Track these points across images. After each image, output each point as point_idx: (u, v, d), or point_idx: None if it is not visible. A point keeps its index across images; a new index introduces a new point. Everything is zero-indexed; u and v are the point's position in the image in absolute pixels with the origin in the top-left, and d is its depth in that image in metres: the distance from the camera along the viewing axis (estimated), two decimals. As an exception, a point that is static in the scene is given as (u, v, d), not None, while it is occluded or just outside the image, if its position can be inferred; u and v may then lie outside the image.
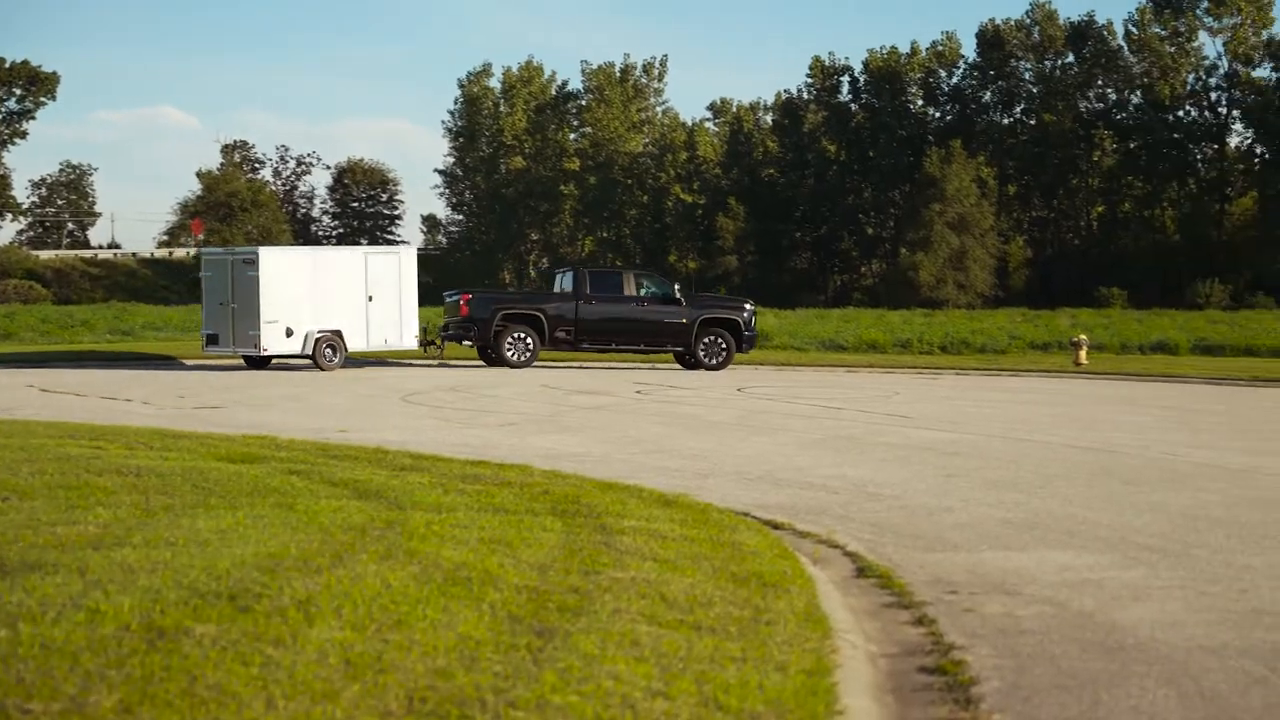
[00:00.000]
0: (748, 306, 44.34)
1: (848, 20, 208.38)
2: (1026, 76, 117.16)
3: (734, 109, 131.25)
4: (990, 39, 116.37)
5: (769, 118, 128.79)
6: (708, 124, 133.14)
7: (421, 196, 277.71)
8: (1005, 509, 14.96)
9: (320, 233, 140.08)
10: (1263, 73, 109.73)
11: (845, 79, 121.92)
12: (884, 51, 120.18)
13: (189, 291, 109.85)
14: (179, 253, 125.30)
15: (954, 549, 12.69)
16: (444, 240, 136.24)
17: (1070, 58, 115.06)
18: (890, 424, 25.32)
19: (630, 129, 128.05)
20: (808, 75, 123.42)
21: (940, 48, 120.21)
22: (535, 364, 41.79)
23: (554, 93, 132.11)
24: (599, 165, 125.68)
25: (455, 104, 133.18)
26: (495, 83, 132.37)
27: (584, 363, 44.86)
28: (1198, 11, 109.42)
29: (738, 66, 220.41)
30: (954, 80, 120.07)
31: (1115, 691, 8.11)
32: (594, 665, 7.70)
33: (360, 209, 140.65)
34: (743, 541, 11.93)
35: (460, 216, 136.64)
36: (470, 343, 43.19)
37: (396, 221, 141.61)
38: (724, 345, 42.70)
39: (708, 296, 47.50)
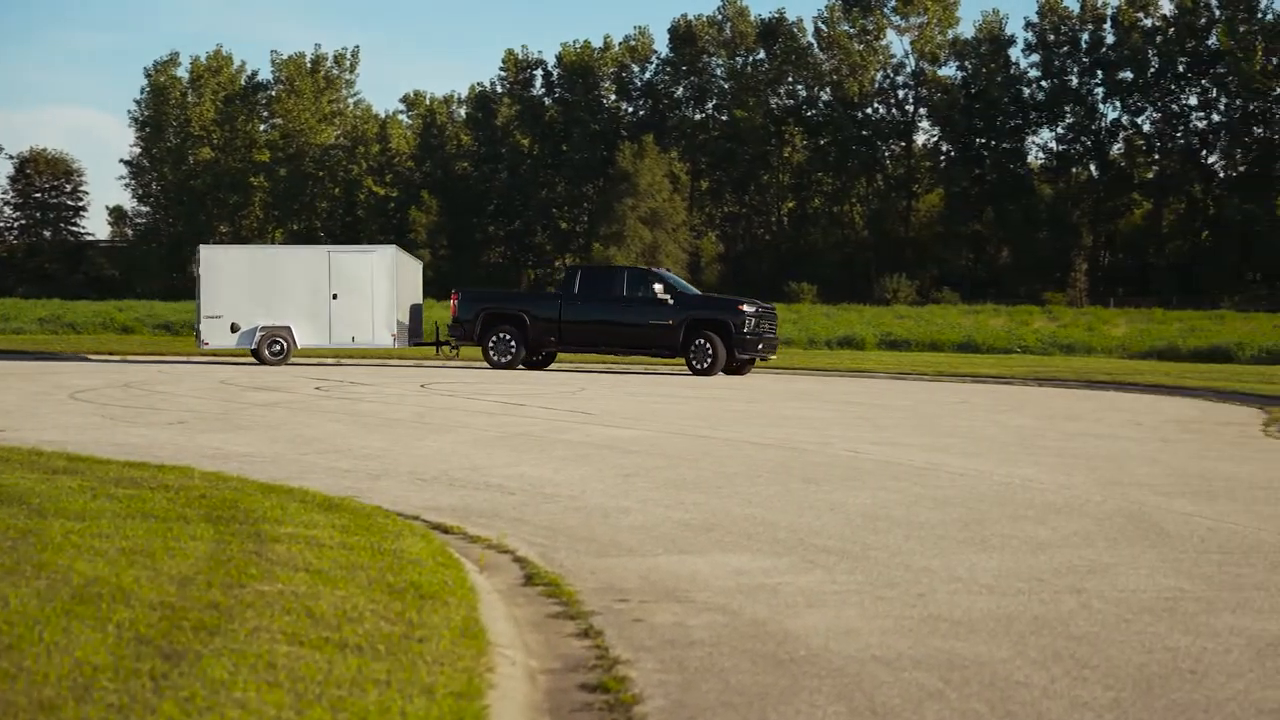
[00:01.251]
0: (745, 308, 41.52)
1: (541, 13, 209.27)
2: (718, 73, 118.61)
3: (427, 101, 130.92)
4: (682, 35, 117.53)
5: (463, 111, 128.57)
6: (401, 116, 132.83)
7: (108, 188, 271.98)
8: (684, 510, 14.58)
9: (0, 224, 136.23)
10: (948, 71, 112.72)
11: (539, 72, 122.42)
12: (577, 45, 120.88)
13: None
14: None
15: (628, 553, 12.23)
16: (130, 233, 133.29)
17: (761, 54, 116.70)
18: (573, 421, 24.95)
19: (321, 120, 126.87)
20: (501, 68, 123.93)
21: (633, 43, 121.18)
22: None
23: (243, 83, 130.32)
24: (289, 157, 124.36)
25: (141, 93, 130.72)
26: (183, 72, 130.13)
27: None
28: (886, 10, 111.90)
29: (431, 59, 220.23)
30: (647, 75, 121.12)
31: (784, 709, 7.69)
32: (221, 693, 7.03)
33: (43, 200, 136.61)
34: (405, 549, 11.31)
35: (146, 208, 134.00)
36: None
37: (81, 213, 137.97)
38: (710, 349, 40.62)
39: (702, 297, 44.91)
